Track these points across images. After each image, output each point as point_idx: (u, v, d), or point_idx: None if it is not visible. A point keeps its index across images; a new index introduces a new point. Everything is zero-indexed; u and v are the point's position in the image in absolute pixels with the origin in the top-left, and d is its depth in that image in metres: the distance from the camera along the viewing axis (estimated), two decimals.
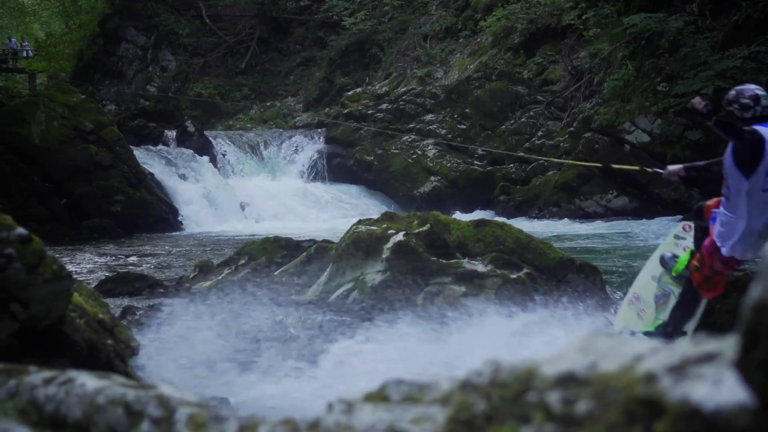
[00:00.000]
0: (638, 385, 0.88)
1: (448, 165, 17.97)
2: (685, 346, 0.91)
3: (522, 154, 16.60)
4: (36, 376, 1.66)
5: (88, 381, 1.57)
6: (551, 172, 16.28)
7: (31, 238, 2.56)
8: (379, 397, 1.27)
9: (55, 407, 1.57)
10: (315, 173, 19.57)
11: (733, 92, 6.21)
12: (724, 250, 6.37)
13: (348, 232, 6.42)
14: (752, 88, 6.17)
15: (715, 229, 6.41)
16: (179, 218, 16.27)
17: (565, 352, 1.02)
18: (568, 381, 0.96)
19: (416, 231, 6.10)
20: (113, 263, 10.58)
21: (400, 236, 6.06)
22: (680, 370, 0.87)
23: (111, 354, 3.02)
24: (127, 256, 11.42)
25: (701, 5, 15.24)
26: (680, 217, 13.57)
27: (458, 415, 1.09)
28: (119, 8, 29.28)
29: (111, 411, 1.49)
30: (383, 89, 20.90)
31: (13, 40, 43.54)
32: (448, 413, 1.11)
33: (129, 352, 3.23)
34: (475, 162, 17.47)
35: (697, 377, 0.85)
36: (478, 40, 21.12)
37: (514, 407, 1.00)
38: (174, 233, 15.39)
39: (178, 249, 12.51)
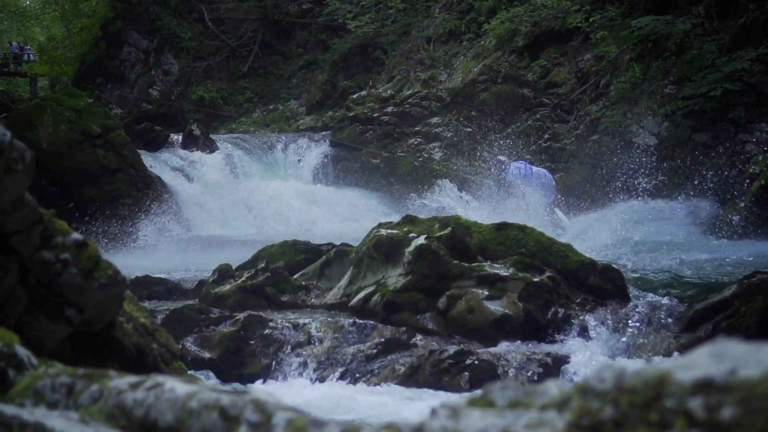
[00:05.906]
0: None
1: (455, 168, 17.99)
2: None
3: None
4: (120, 380, 1.67)
5: (177, 386, 1.57)
6: (558, 175, 16.28)
7: (86, 243, 2.57)
8: (484, 401, 1.28)
9: (144, 412, 1.57)
10: (321, 176, 19.55)
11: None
12: None
13: (368, 235, 6.43)
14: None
15: None
16: (187, 221, 16.28)
17: (695, 358, 1.03)
18: (707, 387, 0.97)
19: (437, 234, 6.11)
20: (125, 267, 10.57)
21: (421, 240, 6.08)
22: None
23: (157, 358, 3.03)
24: (138, 260, 11.42)
25: (707, 7, 15.25)
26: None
27: (581, 421, 1.10)
28: (121, 12, 29.27)
29: (205, 416, 1.49)
30: (388, 92, 20.89)
31: (14, 43, 43.51)
32: (568, 419, 1.11)
33: (169, 356, 3.24)
34: (482, 165, 17.48)
35: None
36: (482, 42, 21.11)
37: (646, 413, 1.01)
38: (182, 236, 15.38)
39: (188, 252, 12.53)
